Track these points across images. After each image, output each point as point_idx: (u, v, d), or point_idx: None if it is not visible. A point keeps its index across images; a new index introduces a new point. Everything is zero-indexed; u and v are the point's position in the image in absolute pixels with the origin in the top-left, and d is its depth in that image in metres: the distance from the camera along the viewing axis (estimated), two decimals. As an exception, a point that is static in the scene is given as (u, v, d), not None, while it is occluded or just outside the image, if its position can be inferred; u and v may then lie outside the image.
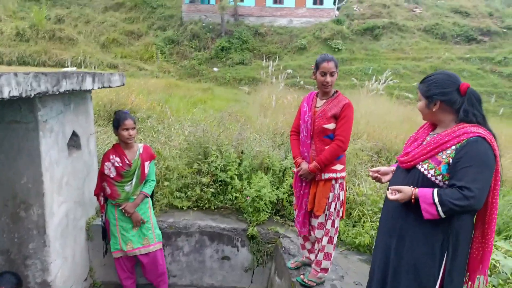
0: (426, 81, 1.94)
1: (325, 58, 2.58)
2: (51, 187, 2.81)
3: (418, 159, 1.92)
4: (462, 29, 24.29)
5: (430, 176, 1.86)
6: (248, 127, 5.81)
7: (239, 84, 18.55)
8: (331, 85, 2.62)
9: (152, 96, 10.17)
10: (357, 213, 3.92)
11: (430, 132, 2.03)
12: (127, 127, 3.00)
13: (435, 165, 1.85)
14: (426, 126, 2.08)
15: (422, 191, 1.82)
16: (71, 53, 21.03)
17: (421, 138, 2.03)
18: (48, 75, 2.26)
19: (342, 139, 2.55)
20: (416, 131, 2.13)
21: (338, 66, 2.64)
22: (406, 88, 16.63)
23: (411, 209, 1.90)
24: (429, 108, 1.92)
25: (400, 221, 1.98)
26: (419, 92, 1.98)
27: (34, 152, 2.66)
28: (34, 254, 2.81)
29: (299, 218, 2.86)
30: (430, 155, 1.88)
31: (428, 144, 1.92)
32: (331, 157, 2.56)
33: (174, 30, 25.41)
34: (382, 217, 2.17)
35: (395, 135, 6.52)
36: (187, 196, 4.03)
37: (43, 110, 2.68)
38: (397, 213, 2.00)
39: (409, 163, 1.96)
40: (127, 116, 3.02)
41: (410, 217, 1.93)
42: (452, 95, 1.87)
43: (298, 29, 24.91)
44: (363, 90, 10.75)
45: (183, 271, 3.69)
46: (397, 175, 2.09)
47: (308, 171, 2.63)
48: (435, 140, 1.89)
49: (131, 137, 3.04)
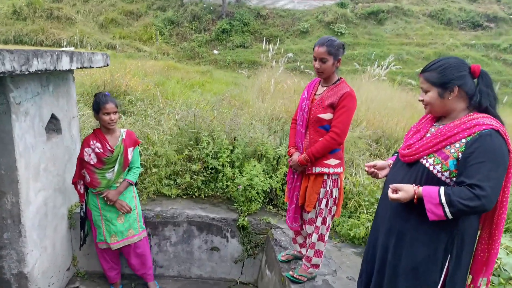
0: (435, 68, 1.71)
1: (318, 42, 2.35)
2: (26, 174, 2.63)
3: (422, 152, 1.72)
4: (469, 14, 23.73)
5: (436, 172, 1.67)
6: (243, 112, 5.61)
7: (239, 67, 18.21)
8: (323, 72, 2.37)
9: (149, 78, 9.94)
10: (353, 204, 3.77)
11: (434, 123, 1.83)
12: (108, 111, 2.80)
13: (442, 160, 1.66)
14: (429, 117, 1.88)
15: (427, 189, 1.62)
16: (69, 33, 20.65)
17: (424, 129, 1.83)
18: (14, 53, 2.05)
19: (337, 132, 2.33)
20: (418, 122, 1.93)
21: (334, 52, 2.32)
22: (409, 74, 16.32)
23: (413, 209, 1.71)
24: (444, 97, 1.70)
25: (399, 221, 1.80)
26: (426, 82, 1.74)
27: (6, 137, 2.48)
28: (9, 244, 2.66)
29: (289, 212, 2.68)
30: (436, 148, 1.68)
31: (434, 136, 1.72)
32: (322, 150, 2.35)
33: (174, 11, 24.85)
34: (379, 217, 1.97)
35: (396, 122, 6.33)
36: (176, 183, 3.87)
37: (16, 92, 2.48)
38: (396, 213, 1.81)
39: (412, 157, 1.76)
40: (108, 99, 2.81)
41: (411, 218, 1.75)
42: (467, 78, 1.68)
43: (301, 12, 24.35)
44: (364, 76, 10.52)
45: (170, 262, 3.55)
46: (397, 170, 1.89)
47: (298, 162, 2.45)
48: (442, 131, 1.70)
49: (113, 122, 2.84)
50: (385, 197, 1.83)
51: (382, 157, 5.05)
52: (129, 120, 4.87)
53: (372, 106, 7.07)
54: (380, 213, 1.97)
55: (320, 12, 23.61)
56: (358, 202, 3.77)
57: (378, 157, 5.04)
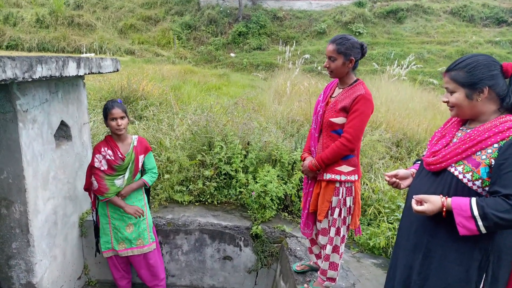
0: (463, 67, 1.55)
1: (330, 40, 2.23)
2: (34, 183, 2.59)
3: (450, 160, 1.56)
4: (492, 10, 22.93)
5: (466, 181, 1.51)
6: (259, 115, 5.50)
7: (256, 70, 18.14)
8: (332, 72, 2.24)
9: (166, 83, 9.98)
10: (373, 211, 3.59)
11: (460, 127, 1.66)
12: (115, 116, 2.73)
13: (473, 168, 1.50)
14: (454, 120, 1.71)
15: (456, 201, 1.46)
16: (89, 39, 21.09)
17: (450, 134, 1.67)
18: (16, 59, 1.99)
19: (347, 137, 2.17)
20: (442, 126, 1.76)
21: (344, 51, 2.16)
22: (430, 73, 15.86)
23: (441, 222, 1.54)
24: (472, 98, 1.54)
25: (426, 237, 1.62)
26: (452, 82, 1.58)
27: (13, 145, 2.43)
28: (18, 254, 2.61)
29: (303, 217, 2.56)
30: (465, 154, 1.52)
31: (462, 141, 1.56)
32: (332, 156, 2.21)
33: (191, 15, 25.04)
34: (403, 232, 1.79)
35: (418, 124, 6.08)
36: (188, 190, 3.78)
37: (23, 99, 2.44)
38: (423, 228, 1.64)
39: (439, 165, 1.60)
40: (115, 104, 2.75)
41: (439, 233, 1.58)
42: (499, 78, 1.52)
43: (318, 12, 24.10)
44: (384, 76, 10.26)
45: (182, 271, 3.45)
46: (421, 179, 1.72)
47: (307, 168, 2.33)
48: (471, 136, 1.53)
49: (120, 128, 2.77)
50: (409, 209, 1.67)
51: (403, 160, 4.83)
52: (142, 125, 4.82)
53: (392, 107, 6.83)
54: (403, 227, 1.79)
55: (338, 12, 23.31)
56: (377, 209, 3.59)
57: (399, 160, 4.82)
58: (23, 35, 21.82)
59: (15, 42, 20.70)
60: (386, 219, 3.40)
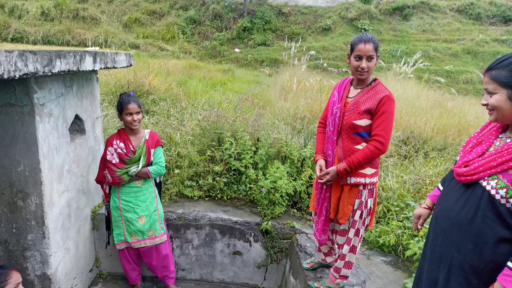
0: (506, 65, 1.40)
1: (362, 39, 2.10)
2: (50, 176, 2.61)
3: (483, 172, 1.43)
4: (499, 9, 22.77)
5: (499, 198, 1.38)
6: (266, 111, 5.50)
7: (260, 65, 18.11)
8: (368, 72, 2.13)
9: (171, 77, 9.98)
10: (382, 209, 3.60)
11: (499, 134, 1.52)
12: (131, 111, 2.76)
13: (508, 184, 1.36)
14: (494, 126, 1.57)
15: (503, 280, 1.32)
16: (94, 33, 21.07)
17: (487, 141, 1.53)
18: (37, 54, 2.01)
19: (381, 140, 2.08)
20: (479, 131, 1.62)
21: (379, 49, 2.14)
22: (436, 71, 15.82)
23: (468, 234, 1.45)
24: None
25: (452, 250, 1.53)
26: (492, 82, 1.43)
27: (30, 138, 2.45)
28: (33, 245, 2.64)
29: (318, 225, 2.47)
30: (501, 169, 1.39)
31: (499, 152, 1.42)
32: (364, 160, 2.13)
33: (196, 10, 24.98)
34: (429, 244, 1.70)
35: (425, 122, 6.09)
36: (198, 185, 3.80)
37: (40, 93, 2.46)
38: (448, 240, 1.54)
39: (470, 177, 1.48)
40: (131, 99, 2.76)
41: (466, 246, 1.47)
42: None
43: (323, 8, 23.99)
44: (390, 73, 10.24)
45: (192, 265, 3.49)
46: (451, 189, 1.60)
47: (337, 172, 2.20)
48: (510, 147, 1.39)
49: (135, 123, 2.80)
50: (436, 219, 1.61)
51: (411, 159, 4.84)
52: (152, 120, 4.84)
53: (399, 105, 6.83)
54: (430, 238, 1.69)
55: (343, 9, 23.21)
56: (387, 207, 3.60)
57: (407, 159, 4.83)
58: (28, 28, 21.84)
59: (20, 34, 20.72)
60: (395, 217, 3.42)
